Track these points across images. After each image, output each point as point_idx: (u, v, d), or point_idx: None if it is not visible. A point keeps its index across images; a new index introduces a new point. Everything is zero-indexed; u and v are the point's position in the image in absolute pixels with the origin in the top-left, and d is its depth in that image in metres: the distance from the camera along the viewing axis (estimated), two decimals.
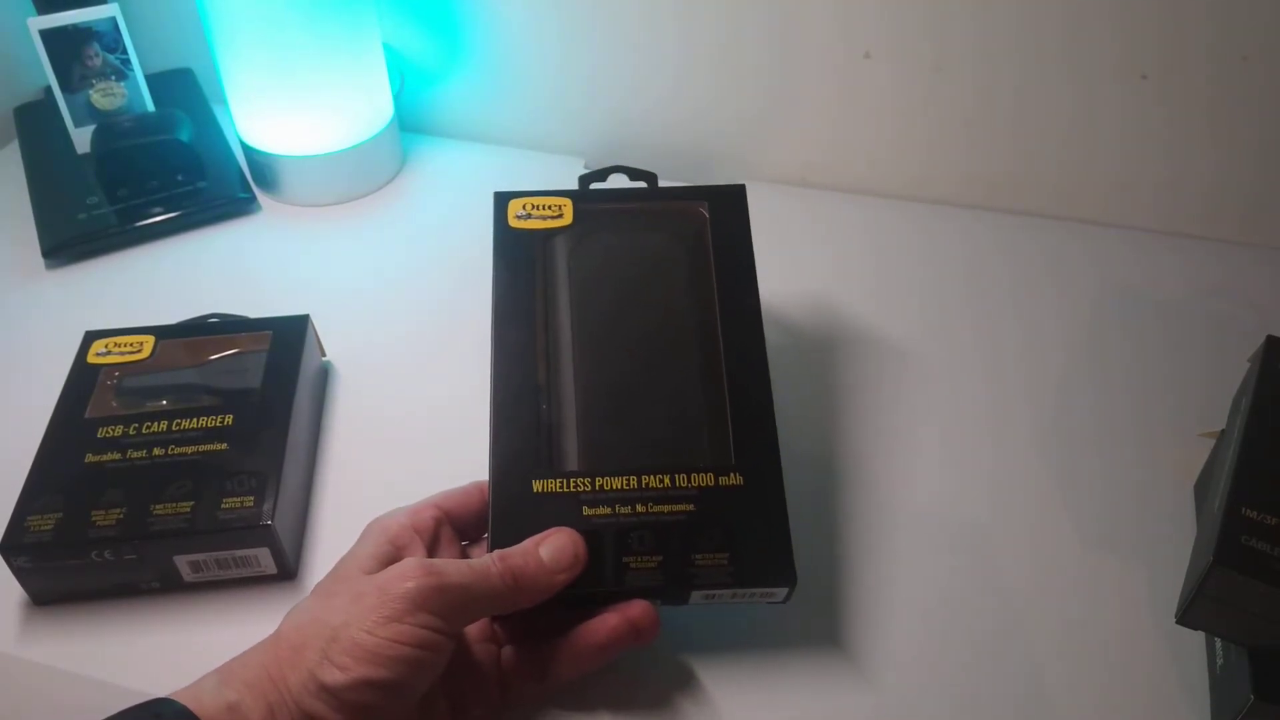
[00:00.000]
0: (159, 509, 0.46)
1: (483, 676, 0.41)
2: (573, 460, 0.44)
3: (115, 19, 0.72)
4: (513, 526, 0.42)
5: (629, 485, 0.43)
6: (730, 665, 0.44)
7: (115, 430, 0.49)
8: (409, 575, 0.37)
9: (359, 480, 0.53)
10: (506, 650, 0.42)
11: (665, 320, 0.48)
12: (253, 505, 0.46)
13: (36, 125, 0.78)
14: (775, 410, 0.45)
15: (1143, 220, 0.71)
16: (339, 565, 0.40)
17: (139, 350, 0.54)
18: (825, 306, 0.64)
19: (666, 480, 0.43)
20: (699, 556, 0.42)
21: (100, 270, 0.67)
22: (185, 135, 0.72)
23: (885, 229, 0.72)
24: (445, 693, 0.40)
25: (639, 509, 0.42)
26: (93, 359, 0.53)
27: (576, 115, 0.78)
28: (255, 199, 0.73)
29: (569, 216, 0.51)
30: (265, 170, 0.73)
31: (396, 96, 0.76)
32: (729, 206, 0.51)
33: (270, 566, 0.47)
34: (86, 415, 0.50)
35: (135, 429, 0.49)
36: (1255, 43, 0.62)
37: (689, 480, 0.43)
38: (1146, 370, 0.60)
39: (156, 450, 0.48)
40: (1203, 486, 0.51)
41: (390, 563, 0.39)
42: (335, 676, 0.35)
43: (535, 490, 0.43)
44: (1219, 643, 0.43)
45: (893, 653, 0.45)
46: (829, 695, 0.44)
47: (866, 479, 0.53)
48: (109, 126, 0.72)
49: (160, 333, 0.55)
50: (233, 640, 0.38)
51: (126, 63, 0.73)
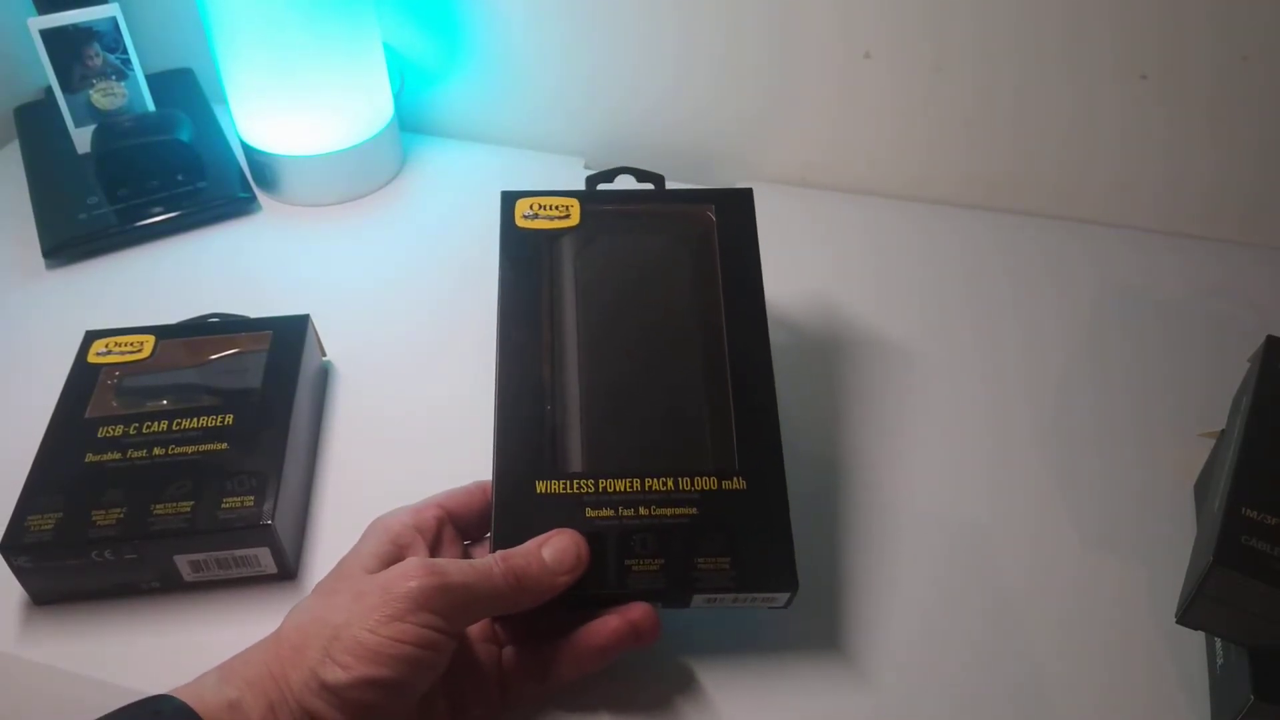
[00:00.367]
0: (159, 509, 0.46)
1: (483, 676, 0.41)
2: (576, 461, 0.44)
3: (115, 19, 0.72)
4: (515, 527, 0.42)
5: (632, 488, 0.43)
6: (730, 667, 0.44)
7: (115, 430, 0.49)
8: (411, 574, 0.37)
9: (359, 480, 0.53)
10: (507, 651, 0.42)
11: (670, 323, 0.48)
12: (253, 505, 0.46)
13: (37, 125, 0.78)
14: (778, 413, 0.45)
15: (1143, 220, 0.71)
16: (341, 564, 0.40)
17: (139, 350, 0.54)
18: (825, 306, 0.64)
19: (669, 483, 0.43)
20: (701, 560, 0.41)
21: (100, 270, 0.67)
22: (185, 135, 0.72)
23: (885, 229, 0.72)
24: (446, 692, 0.40)
25: (642, 512, 0.42)
26: (93, 359, 0.53)
27: (577, 115, 0.78)
28: (255, 199, 0.73)
29: (576, 217, 0.50)
30: (265, 170, 0.73)
31: (396, 96, 0.76)
32: (736, 210, 0.51)
33: (270, 566, 0.47)
34: (87, 415, 0.50)
35: (135, 429, 0.49)
36: (1255, 43, 0.62)
37: (692, 484, 0.43)
38: (1146, 370, 0.60)
39: (157, 450, 0.48)
40: (1203, 486, 0.51)
41: (392, 562, 0.39)
42: (337, 675, 0.35)
43: (538, 491, 0.43)
44: (1219, 643, 0.43)
45: (892, 653, 0.45)
46: (829, 697, 0.44)
47: (865, 478, 0.53)
48: (109, 126, 0.72)
49: (160, 332, 0.55)
50: (233, 640, 0.38)
51: (127, 63, 0.73)
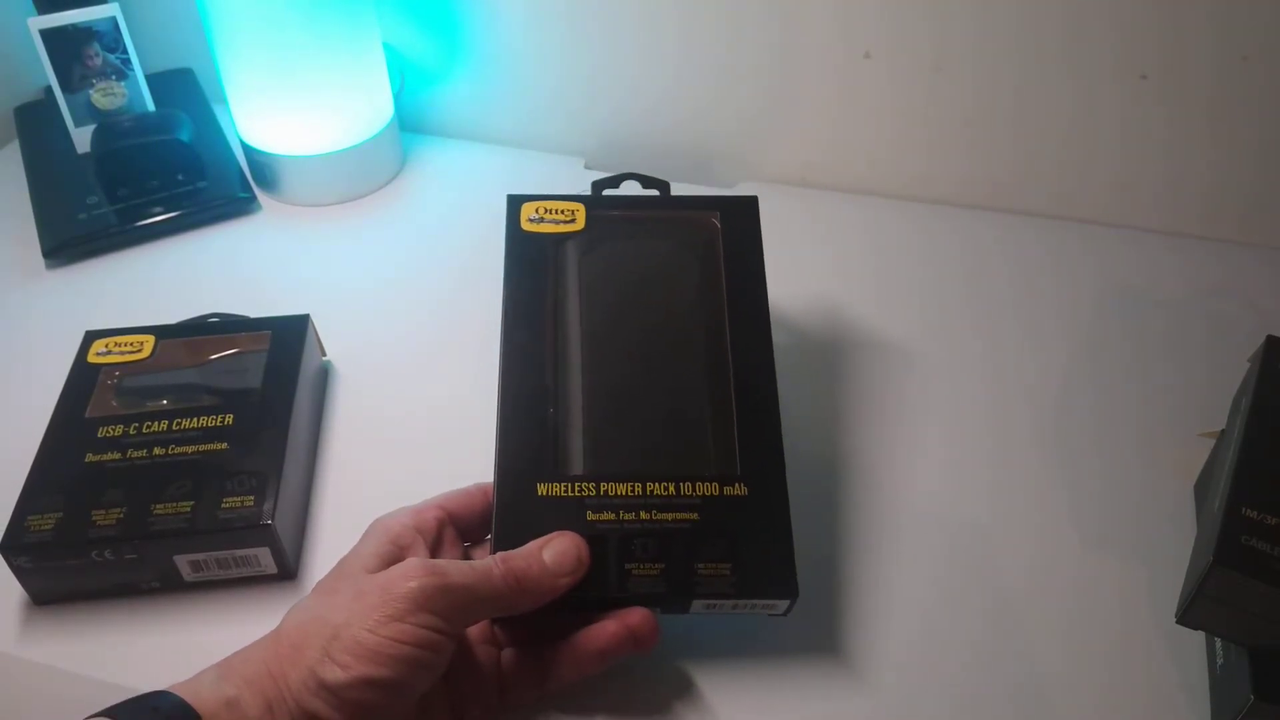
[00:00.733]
0: (159, 509, 0.46)
1: (482, 678, 0.41)
2: (578, 464, 0.44)
3: (115, 19, 0.72)
4: (516, 529, 0.42)
5: (633, 492, 0.43)
6: (729, 670, 0.44)
7: (115, 430, 0.49)
8: (411, 575, 0.37)
9: (359, 480, 0.53)
10: (507, 652, 0.42)
11: (674, 329, 0.48)
12: (253, 505, 0.46)
13: (37, 125, 0.78)
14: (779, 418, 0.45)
15: (1143, 220, 0.71)
16: (341, 563, 0.40)
17: (139, 350, 0.54)
18: (824, 306, 0.64)
19: (671, 488, 0.43)
20: (701, 566, 0.41)
21: (100, 270, 0.67)
22: (185, 135, 0.72)
23: (885, 229, 0.72)
24: (445, 693, 0.40)
25: (643, 516, 0.42)
26: (93, 359, 0.53)
27: (576, 115, 0.78)
28: (255, 199, 0.73)
29: (581, 222, 0.50)
30: (265, 170, 0.73)
31: (396, 96, 0.76)
32: (741, 217, 0.51)
33: (270, 566, 0.47)
34: (87, 415, 0.50)
35: (135, 429, 0.49)
36: (1255, 43, 0.62)
37: (693, 489, 0.43)
38: (1147, 370, 0.60)
39: (157, 450, 0.48)
40: (1203, 486, 0.51)
41: (393, 562, 0.39)
42: (336, 674, 0.35)
43: (540, 493, 0.43)
44: (1219, 643, 0.43)
45: (892, 654, 0.45)
46: (828, 700, 0.43)
47: (864, 478, 0.53)
48: (109, 126, 0.72)
49: (160, 332, 0.55)
50: (233, 640, 0.38)
51: (126, 62, 0.73)
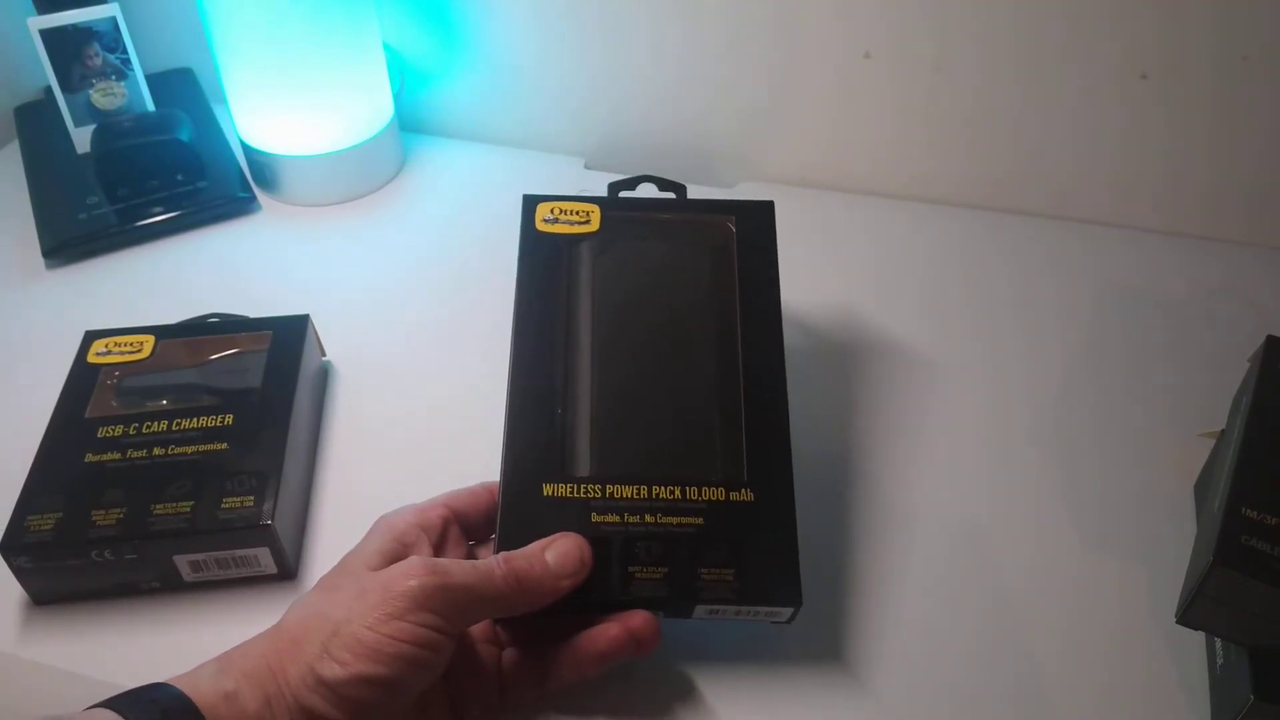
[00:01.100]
0: (159, 509, 0.46)
1: (483, 678, 0.41)
2: (584, 466, 0.44)
3: (115, 19, 0.72)
4: (520, 529, 0.41)
5: (639, 495, 0.43)
6: (731, 674, 0.44)
7: (115, 430, 0.49)
8: (413, 573, 0.37)
9: (359, 480, 0.53)
10: (508, 653, 0.42)
11: (686, 332, 0.47)
12: (253, 505, 0.46)
13: (36, 125, 0.78)
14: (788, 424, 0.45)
15: (1144, 220, 0.71)
16: (344, 560, 0.40)
17: (139, 350, 0.54)
18: (824, 306, 0.64)
19: (677, 492, 0.43)
20: (705, 571, 0.41)
21: (100, 270, 0.67)
22: (185, 135, 0.72)
23: (885, 229, 0.72)
24: (445, 692, 0.40)
25: (648, 519, 0.42)
26: (93, 359, 0.53)
27: (577, 115, 0.78)
28: (255, 199, 0.73)
29: (596, 223, 0.50)
30: (265, 170, 0.73)
31: (396, 96, 0.76)
32: (756, 222, 0.51)
33: (270, 566, 0.47)
34: (86, 415, 0.50)
35: (135, 429, 0.49)
36: (1255, 43, 0.62)
37: (699, 493, 0.43)
38: (1147, 370, 0.60)
39: (157, 450, 0.48)
40: (1203, 486, 0.51)
41: (396, 560, 0.39)
42: (334, 671, 0.35)
43: (545, 494, 0.43)
44: (1219, 643, 0.43)
45: (892, 654, 0.45)
46: (830, 705, 0.43)
47: (863, 477, 0.53)
48: (109, 126, 0.72)
49: (160, 332, 0.55)
50: (233, 640, 0.38)
51: (126, 62, 0.73)
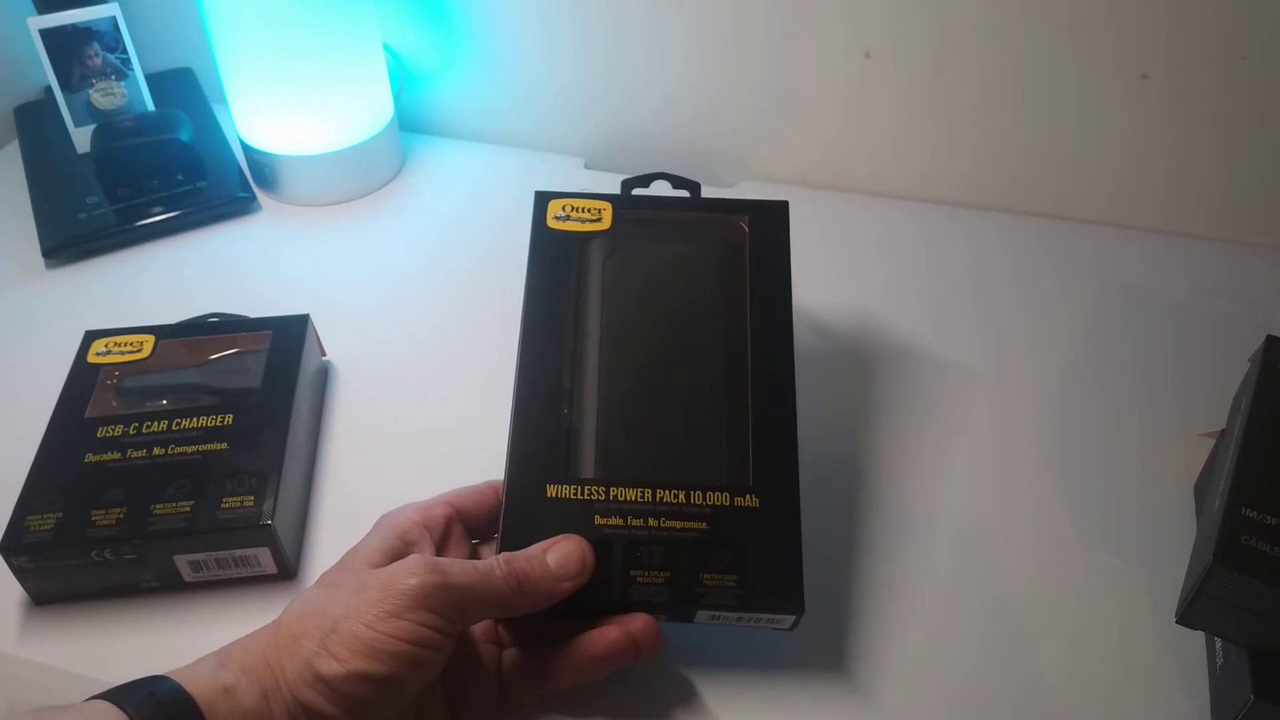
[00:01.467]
0: (159, 509, 0.46)
1: (483, 677, 0.41)
2: (589, 468, 0.43)
3: (115, 19, 0.72)
4: (523, 529, 0.41)
5: (643, 498, 0.42)
6: (732, 680, 0.44)
7: (115, 430, 0.49)
8: (413, 572, 0.37)
9: (359, 480, 0.53)
10: (508, 653, 0.42)
11: (695, 334, 0.47)
12: (253, 505, 0.46)
13: (36, 125, 0.78)
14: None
15: (1146, 220, 0.71)
16: (346, 557, 0.40)
17: (139, 350, 0.54)
18: (824, 306, 0.64)
19: (681, 496, 0.43)
20: (707, 576, 0.41)
21: (100, 270, 0.67)
22: (185, 135, 0.72)
23: (887, 229, 0.72)
24: (444, 691, 0.40)
25: (651, 523, 0.42)
26: (93, 359, 0.53)
27: (577, 114, 0.78)
28: (255, 199, 0.73)
29: (608, 221, 0.50)
30: (265, 170, 0.73)
31: (396, 96, 0.76)
32: (770, 222, 0.50)
33: (270, 566, 0.47)
34: (86, 415, 0.50)
35: (135, 429, 0.49)
36: (1255, 43, 0.62)
37: (704, 498, 0.43)
38: (1148, 370, 0.60)
39: (156, 450, 0.48)
40: (1203, 486, 0.51)
41: (397, 557, 0.39)
42: (331, 667, 0.35)
43: (549, 495, 0.42)
44: (1219, 643, 0.43)
45: (892, 657, 0.45)
46: (829, 709, 0.43)
47: (863, 476, 0.53)
48: (109, 126, 0.72)
49: (160, 332, 0.55)
50: (232, 640, 0.38)
51: (126, 62, 0.73)
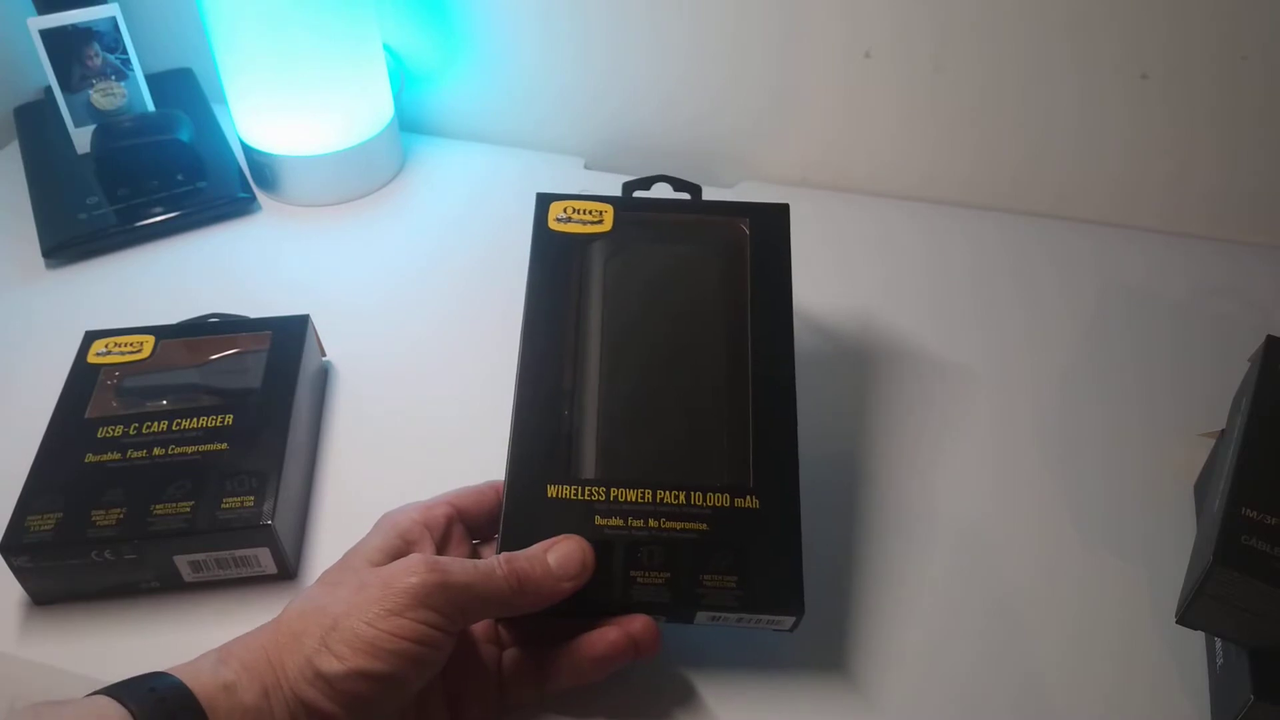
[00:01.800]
0: (159, 509, 0.46)
1: (483, 677, 0.41)
2: (590, 468, 0.44)
3: (115, 19, 0.72)
4: (524, 529, 0.41)
5: (644, 499, 0.42)
6: (732, 681, 0.44)
7: (115, 430, 0.49)
8: (413, 570, 0.37)
9: (359, 480, 0.53)
10: (509, 653, 0.42)
11: (696, 336, 0.47)
12: (253, 505, 0.46)
13: (36, 125, 0.78)
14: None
15: (1146, 220, 0.71)
16: (347, 555, 0.40)
17: (139, 350, 0.54)
18: (824, 306, 0.64)
19: (682, 497, 0.43)
20: (707, 577, 0.41)
21: (100, 270, 0.67)
22: (185, 135, 0.72)
23: (887, 229, 0.72)
24: (444, 690, 0.40)
25: (651, 523, 0.42)
26: (93, 359, 0.53)
27: (577, 115, 0.78)
28: (255, 199, 0.73)
29: (609, 223, 0.50)
30: (265, 170, 0.73)
31: (396, 96, 0.76)
32: (771, 225, 0.50)
33: (270, 566, 0.47)
34: (86, 415, 0.50)
35: (135, 429, 0.49)
36: (1255, 43, 0.62)
37: (704, 499, 0.43)
38: (1149, 370, 0.60)
39: (156, 450, 0.48)
40: (1203, 486, 0.51)
41: (398, 557, 0.39)
42: (332, 665, 0.35)
43: (550, 495, 0.43)
44: (1219, 643, 0.43)
45: (893, 658, 0.45)
46: (829, 710, 0.43)
47: (865, 478, 0.53)
48: (109, 126, 0.72)
49: (160, 333, 0.55)
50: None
51: (126, 63, 0.73)
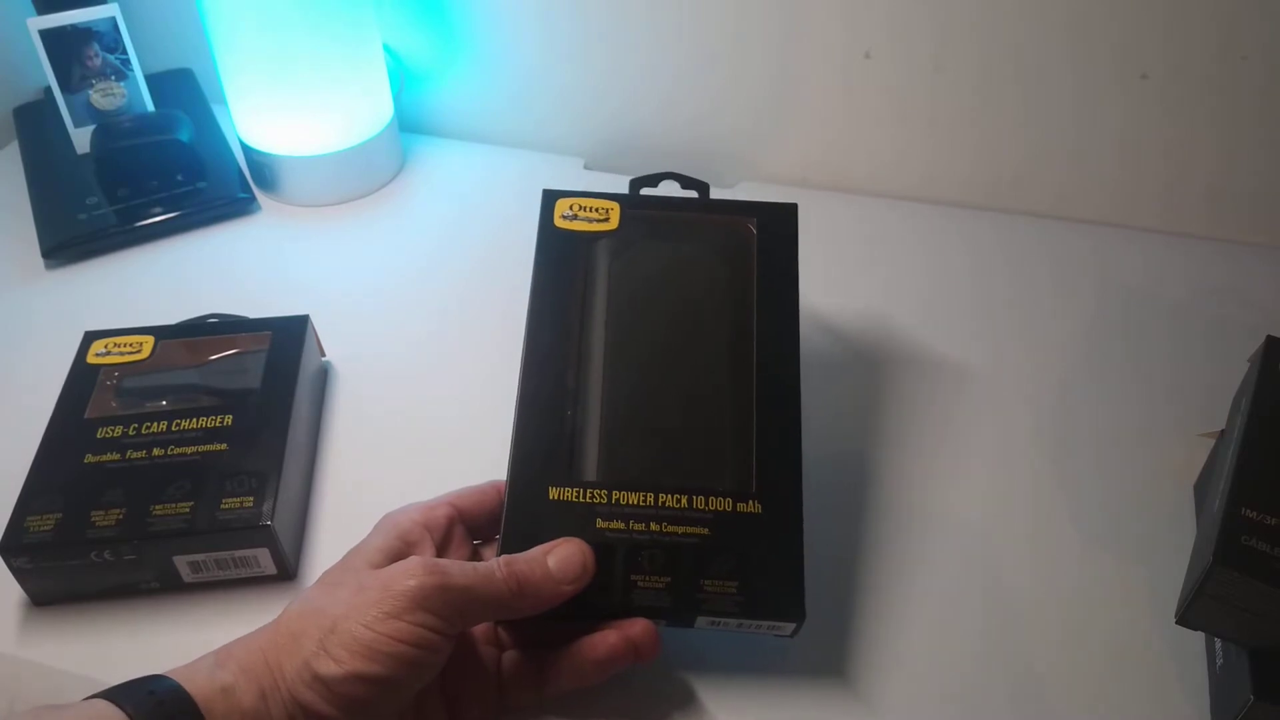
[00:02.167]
0: (159, 509, 0.46)
1: (483, 679, 0.41)
2: (592, 470, 0.43)
3: (115, 19, 0.72)
4: (524, 531, 0.41)
5: (645, 502, 0.42)
6: (732, 685, 0.44)
7: (115, 430, 0.49)
8: (412, 573, 0.37)
9: (359, 480, 0.53)
10: (508, 655, 0.42)
11: (701, 337, 0.47)
12: (252, 505, 0.46)
13: (36, 125, 0.78)
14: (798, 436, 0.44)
15: (1145, 220, 0.71)
16: (347, 556, 0.40)
17: (139, 350, 0.54)
18: (824, 306, 0.64)
19: (684, 501, 0.42)
20: (708, 582, 0.41)
21: (100, 270, 0.67)
22: (185, 135, 0.72)
23: (887, 229, 0.72)
24: (444, 692, 0.40)
25: (653, 527, 0.42)
26: (92, 359, 0.53)
27: (577, 115, 0.78)
28: (255, 199, 0.73)
29: (615, 221, 0.50)
30: (265, 170, 0.73)
31: (396, 96, 0.76)
32: (778, 224, 0.50)
33: (270, 567, 0.47)
34: (86, 415, 0.50)
35: (135, 429, 0.49)
36: (1255, 43, 0.62)
37: (706, 503, 0.42)
38: (1148, 370, 0.60)
39: (156, 450, 0.48)
40: (1203, 486, 0.51)
41: (398, 558, 0.39)
42: (330, 668, 0.35)
43: (551, 497, 0.42)
44: (1219, 643, 0.43)
45: (892, 656, 0.45)
46: (830, 714, 0.43)
47: (865, 478, 0.53)
48: (109, 126, 0.72)
49: (160, 333, 0.55)
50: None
51: (126, 63, 0.73)
